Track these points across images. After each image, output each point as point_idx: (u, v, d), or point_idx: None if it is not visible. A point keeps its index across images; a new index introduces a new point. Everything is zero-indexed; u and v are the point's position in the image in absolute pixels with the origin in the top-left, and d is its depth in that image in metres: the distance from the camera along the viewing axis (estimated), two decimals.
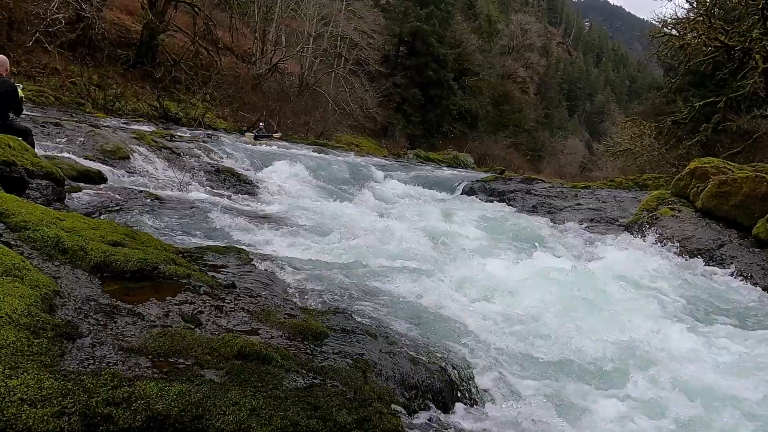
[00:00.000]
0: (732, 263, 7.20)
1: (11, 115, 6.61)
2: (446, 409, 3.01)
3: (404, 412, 2.75)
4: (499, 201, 12.88)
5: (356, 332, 3.40)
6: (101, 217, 5.75)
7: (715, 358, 4.12)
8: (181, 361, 2.42)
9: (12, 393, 1.80)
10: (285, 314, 3.41)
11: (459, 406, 3.05)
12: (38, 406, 1.80)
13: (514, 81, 56.94)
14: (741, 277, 6.90)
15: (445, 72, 44.10)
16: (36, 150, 6.47)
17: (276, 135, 23.21)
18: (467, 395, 3.16)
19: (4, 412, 1.72)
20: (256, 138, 21.13)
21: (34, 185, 5.45)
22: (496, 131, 49.18)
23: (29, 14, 19.82)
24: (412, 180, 15.18)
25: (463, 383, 3.21)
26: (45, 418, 1.77)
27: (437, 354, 3.40)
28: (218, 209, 7.09)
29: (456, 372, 3.26)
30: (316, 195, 11.29)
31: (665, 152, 24.17)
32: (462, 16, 50.93)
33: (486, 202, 12.89)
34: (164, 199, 7.42)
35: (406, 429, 2.59)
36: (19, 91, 6.91)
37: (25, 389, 1.83)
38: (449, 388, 3.13)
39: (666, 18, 24.93)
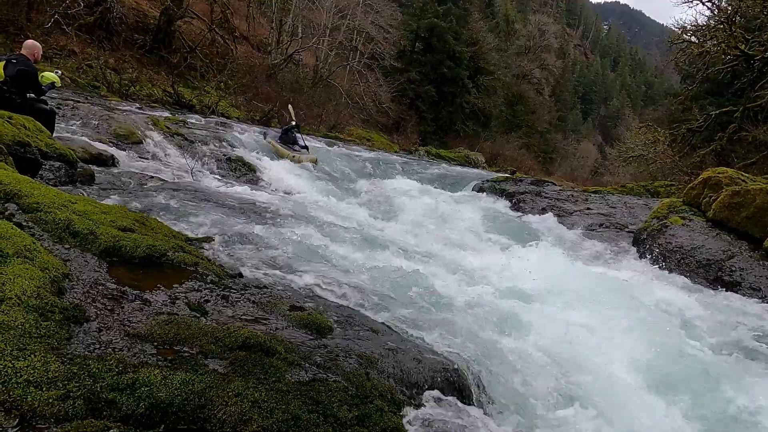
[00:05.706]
0: (741, 275, 7.13)
1: (31, 95, 6.69)
2: (446, 405, 3.00)
3: (405, 408, 2.75)
4: (508, 202, 12.81)
5: (360, 328, 3.41)
6: (112, 201, 5.78)
7: None
8: (186, 349, 2.44)
9: (18, 374, 1.82)
10: (290, 306, 3.42)
11: (459, 404, 3.04)
12: (44, 389, 1.82)
13: (529, 82, 56.65)
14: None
15: (460, 70, 43.85)
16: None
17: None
18: (467, 393, 3.15)
19: (11, 393, 1.74)
20: (282, 141, 13.76)
21: (47, 167, 5.50)
22: (508, 131, 49.02)
23: None
24: (420, 177, 15.11)
25: (465, 381, 3.21)
26: (50, 400, 1.79)
27: (440, 351, 3.39)
28: (227, 197, 7.10)
29: (457, 369, 3.25)
30: (323, 190, 11.28)
31: (678, 160, 23.89)
32: (479, 15, 50.64)
33: (495, 202, 12.82)
34: (175, 186, 7.45)
35: (407, 425, 2.59)
36: (54, 75, 7.08)
37: (32, 371, 1.86)
38: (451, 386, 3.12)
39: (686, 24, 24.57)
